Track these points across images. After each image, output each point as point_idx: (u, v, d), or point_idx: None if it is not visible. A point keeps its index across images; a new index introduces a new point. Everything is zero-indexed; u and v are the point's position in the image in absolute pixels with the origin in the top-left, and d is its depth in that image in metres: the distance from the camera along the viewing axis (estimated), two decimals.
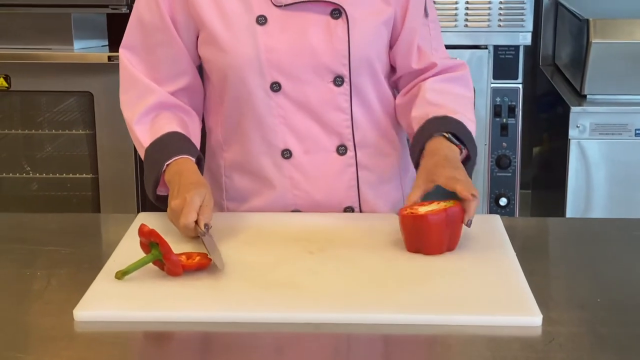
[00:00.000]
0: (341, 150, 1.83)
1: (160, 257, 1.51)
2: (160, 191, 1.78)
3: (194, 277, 1.51)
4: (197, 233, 1.63)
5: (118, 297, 1.46)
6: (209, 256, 1.55)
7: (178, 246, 1.54)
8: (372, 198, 1.87)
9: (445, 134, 1.74)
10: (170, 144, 1.78)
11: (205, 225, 1.62)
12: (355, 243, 1.66)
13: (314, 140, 1.82)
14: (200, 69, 1.90)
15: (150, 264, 1.53)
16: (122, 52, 1.85)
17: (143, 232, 1.52)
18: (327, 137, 1.82)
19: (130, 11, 2.83)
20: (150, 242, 1.52)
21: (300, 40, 1.77)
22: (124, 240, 1.68)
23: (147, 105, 1.81)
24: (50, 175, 3.14)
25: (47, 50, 2.98)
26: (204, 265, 1.54)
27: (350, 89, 1.80)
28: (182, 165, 1.74)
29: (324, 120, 1.81)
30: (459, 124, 1.76)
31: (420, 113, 1.80)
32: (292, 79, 1.78)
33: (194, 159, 1.77)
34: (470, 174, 1.73)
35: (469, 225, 1.61)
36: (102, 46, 3.04)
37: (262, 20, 1.76)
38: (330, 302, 1.44)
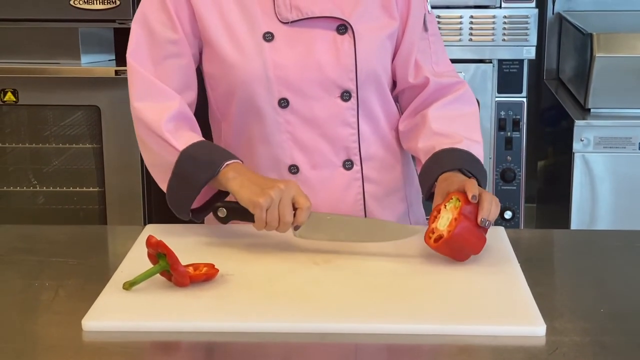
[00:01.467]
0: (347, 165, 1.84)
1: (167, 268, 1.53)
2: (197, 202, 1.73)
3: (200, 288, 1.53)
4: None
5: (126, 307, 1.47)
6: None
7: (185, 257, 1.56)
8: (378, 210, 1.88)
9: (460, 169, 1.75)
10: (215, 149, 1.74)
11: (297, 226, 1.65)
12: (359, 253, 1.67)
13: (321, 155, 1.83)
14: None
15: (158, 274, 1.54)
16: (130, 59, 1.80)
17: (151, 243, 1.53)
18: (334, 152, 1.83)
19: None
20: (158, 253, 1.53)
21: (307, 56, 1.78)
22: (132, 251, 1.70)
23: (172, 110, 1.75)
24: (57, 189, 3.15)
25: (55, 65, 3.00)
26: (210, 276, 1.55)
27: (357, 104, 1.81)
28: (245, 168, 1.71)
29: (331, 135, 1.82)
30: (466, 155, 1.77)
31: (426, 145, 1.81)
32: (300, 95, 1.79)
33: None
34: None
35: (484, 225, 1.62)
36: (109, 60, 3.06)
37: (269, 36, 1.77)
38: (336, 312, 1.45)
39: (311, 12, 1.77)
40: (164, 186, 1.77)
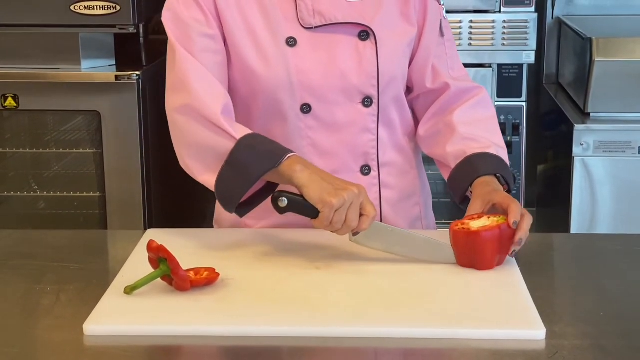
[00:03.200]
0: (365, 170, 1.85)
1: (168, 273, 1.53)
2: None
3: (201, 292, 1.53)
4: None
5: (127, 311, 1.48)
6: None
7: (186, 262, 1.56)
8: (393, 215, 1.88)
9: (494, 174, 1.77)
10: (273, 142, 1.71)
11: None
12: (361, 258, 1.68)
13: (339, 160, 1.83)
14: None
15: (159, 279, 1.55)
16: (178, 44, 1.75)
17: (152, 247, 1.54)
18: (353, 158, 1.84)
19: (138, 31, 2.85)
20: (159, 257, 1.54)
21: (329, 62, 1.78)
22: (133, 255, 1.70)
23: (226, 99, 1.73)
24: (58, 194, 3.16)
25: (55, 70, 3.01)
26: (211, 280, 1.56)
27: (377, 110, 1.82)
28: (309, 163, 1.69)
29: (350, 141, 1.82)
30: (498, 160, 1.79)
31: (456, 149, 1.82)
32: (322, 101, 1.79)
33: None
34: None
35: (512, 255, 1.64)
36: (110, 66, 3.07)
37: (292, 42, 1.77)
38: (337, 316, 1.45)
39: (334, 17, 1.77)
40: (209, 177, 1.71)
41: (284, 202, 1.64)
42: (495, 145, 1.83)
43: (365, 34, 1.79)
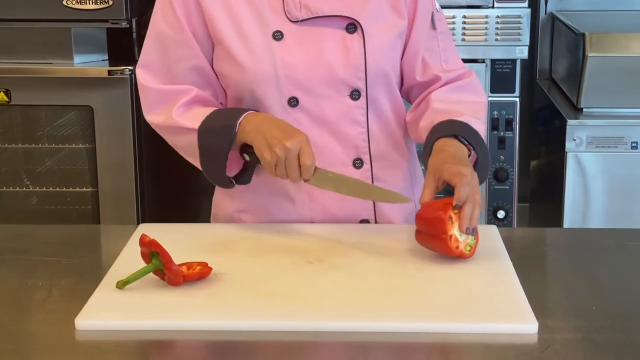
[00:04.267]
0: (357, 164, 1.84)
1: (160, 267, 1.53)
2: (231, 169, 1.78)
3: (194, 287, 1.53)
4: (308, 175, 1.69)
5: (119, 306, 1.48)
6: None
7: (178, 256, 1.56)
8: (387, 209, 1.88)
9: (454, 135, 1.75)
10: (227, 113, 1.78)
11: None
12: (352, 253, 1.68)
13: (330, 154, 1.83)
14: None
15: (151, 273, 1.54)
16: (140, 72, 1.84)
17: (144, 242, 1.54)
18: (344, 151, 1.84)
19: (130, 25, 2.85)
20: (151, 252, 1.54)
21: (316, 55, 1.78)
22: (125, 250, 1.70)
23: (181, 101, 1.80)
24: (50, 189, 3.15)
25: (48, 65, 3.00)
26: (204, 275, 1.56)
27: (366, 103, 1.82)
28: (260, 116, 1.75)
29: (340, 134, 1.82)
30: (464, 125, 1.77)
31: (427, 122, 1.81)
32: (309, 94, 1.79)
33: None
34: (483, 178, 1.76)
35: (470, 232, 1.62)
36: (102, 60, 3.06)
37: (278, 35, 1.77)
38: (329, 311, 1.45)
39: (320, 11, 1.78)
40: (199, 165, 1.81)
41: (246, 157, 1.77)
42: (469, 116, 1.79)
43: (352, 26, 1.79)
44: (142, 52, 1.85)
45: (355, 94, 1.80)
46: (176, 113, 1.79)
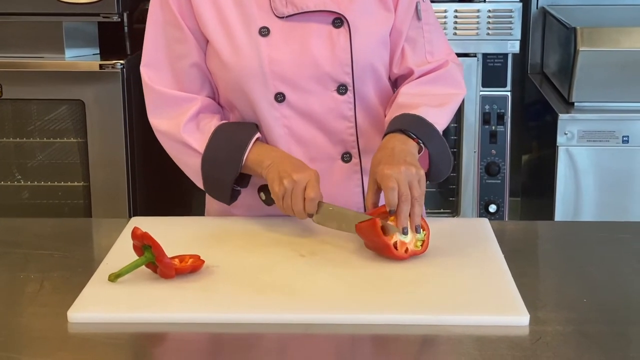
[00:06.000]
0: (346, 157, 1.84)
1: (153, 260, 1.53)
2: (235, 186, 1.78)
3: (186, 280, 1.53)
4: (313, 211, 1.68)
5: (111, 299, 1.48)
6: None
7: (171, 249, 1.56)
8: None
9: (401, 130, 1.73)
10: (231, 141, 1.77)
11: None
12: (345, 246, 1.68)
13: (318, 148, 1.83)
14: None
15: (143, 266, 1.55)
16: (144, 71, 1.83)
17: (136, 235, 1.54)
18: (332, 145, 1.83)
19: (122, 19, 2.85)
20: (143, 245, 1.54)
21: (302, 50, 1.77)
22: (117, 243, 1.70)
23: (189, 113, 1.79)
24: (42, 184, 3.14)
25: (39, 59, 2.99)
26: (196, 267, 1.56)
27: (354, 97, 1.81)
28: (267, 147, 1.77)
29: (328, 129, 1.82)
30: (416, 119, 1.75)
31: (388, 117, 1.81)
32: (296, 90, 1.78)
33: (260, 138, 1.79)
34: (444, 170, 1.76)
35: (417, 231, 1.62)
36: (94, 54, 3.05)
37: (264, 31, 1.77)
38: (321, 304, 1.46)
39: (306, 6, 1.77)
40: (200, 185, 1.82)
41: (262, 196, 1.79)
42: (428, 106, 1.78)
43: (339, 21, 1.78)
44: (145, 51, 1.83)
45: (342, 89, 1.80)
46: (184, 129, 1.78)
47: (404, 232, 1.61)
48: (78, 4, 2.91)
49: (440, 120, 1.79)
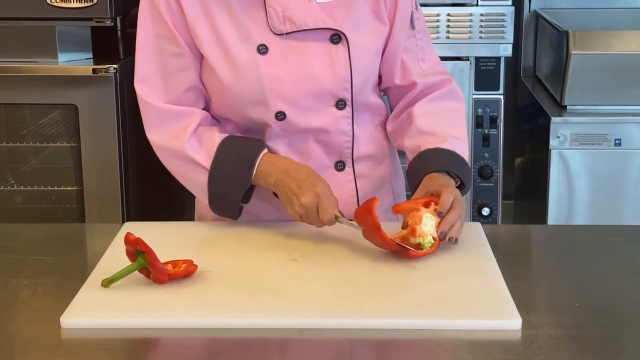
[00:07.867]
0: (339, 166, 1.85)
1: (146, 265, 1.53)
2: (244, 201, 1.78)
3: (179, 285, 1.53)
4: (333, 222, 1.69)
5: (104, 304, 1.48)
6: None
7: (164, 254, 1.56)
8: None
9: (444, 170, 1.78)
10: (238, 158, 1.75)
11: (340, 212, 1.70)
12: (337, 250, 1.68)
13: (312, 158, 1.83)
14: None
15: (136, 272, 1.55)
16: (139, 87, 1.80)
17: (129, 240, 1.54)
18: (327, 156, 1.84)
19: (115, 24, 2.84)
20: (136, 250, 1.54)
21: (301, 68, 1.76)
22: (110, 248, 1.70)
23: (192, 128, 1.77)
24: (35, 188, 3.14)
25: (32, 63, 2.99)
26: (189, 273, 1.56)
27: (352, 111, 1.81)
28: (272, 159, 1.76)
29: (326, 142, 1.83)
30: (451, 155, 1.79)
31: (413, 144, 1.83)
32: (296, 107, 1.77)
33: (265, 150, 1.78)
34: (464, 194, 1.80)
35: (447, 240, 1.65)
36: (87, 59, 3.05)
37: (263, 49, 1.75)
38: (314, 308, 1.46)
39: (305, 24, 1.75)
40: (205, 200, 1.80)
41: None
42: (453, 137, 1.82)
43: (336, 37, 1.77)
44: (138, 66, 1.80)
45: (340, 104, 1.80)
46: (188, 145, 1.76)
47: (441, 236, 1.65)
48: (71, 9, 2.91)
49: (465, 148, 1.84)
